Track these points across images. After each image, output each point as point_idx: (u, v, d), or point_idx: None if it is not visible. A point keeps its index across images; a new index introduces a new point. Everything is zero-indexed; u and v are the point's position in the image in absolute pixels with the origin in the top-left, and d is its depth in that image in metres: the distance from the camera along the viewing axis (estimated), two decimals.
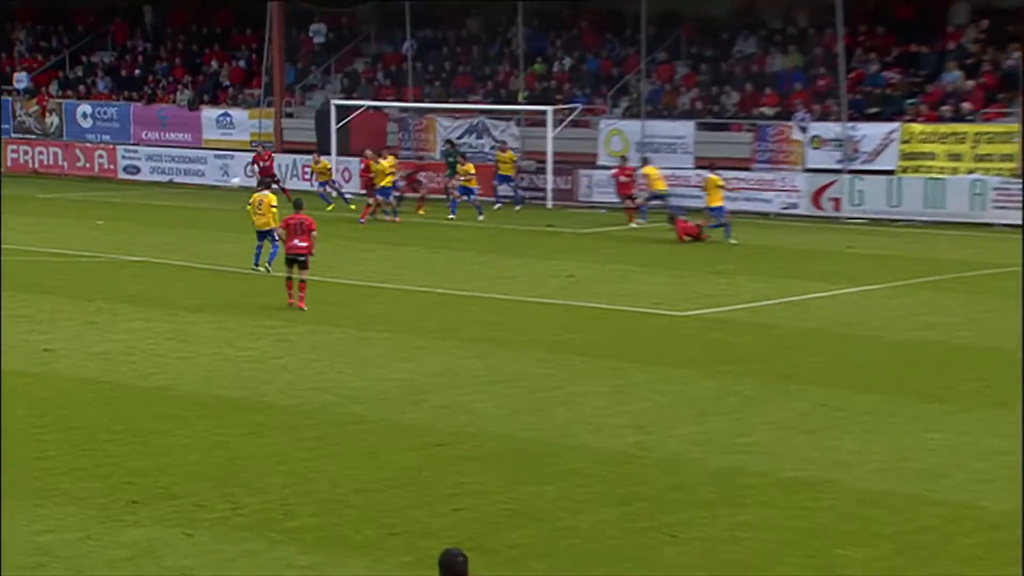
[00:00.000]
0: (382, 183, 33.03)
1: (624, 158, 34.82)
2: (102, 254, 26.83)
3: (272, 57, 42.47)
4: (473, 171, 34.42)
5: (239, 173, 40.46)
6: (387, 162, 34.20)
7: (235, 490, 12.10)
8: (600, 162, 37.57)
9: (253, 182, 35.25)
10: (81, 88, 46.32)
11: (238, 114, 42.80)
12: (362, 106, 40.20)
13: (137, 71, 46.49)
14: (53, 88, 46.62)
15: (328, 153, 38.62)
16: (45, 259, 26.16)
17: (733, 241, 28.72)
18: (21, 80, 46.56)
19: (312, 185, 36.99)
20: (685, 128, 36.79)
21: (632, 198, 33.34)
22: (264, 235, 24.18)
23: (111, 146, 43.82)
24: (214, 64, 45.57)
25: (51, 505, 11.62)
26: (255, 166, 37.39)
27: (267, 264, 24.11)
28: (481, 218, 33.24)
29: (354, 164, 39.35)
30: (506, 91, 40.62)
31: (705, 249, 28.76)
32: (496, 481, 12.50)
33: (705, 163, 33.04)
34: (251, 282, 23.84)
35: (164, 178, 42.29)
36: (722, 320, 20.64)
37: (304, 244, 20.50)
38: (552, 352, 18.19)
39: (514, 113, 39.28)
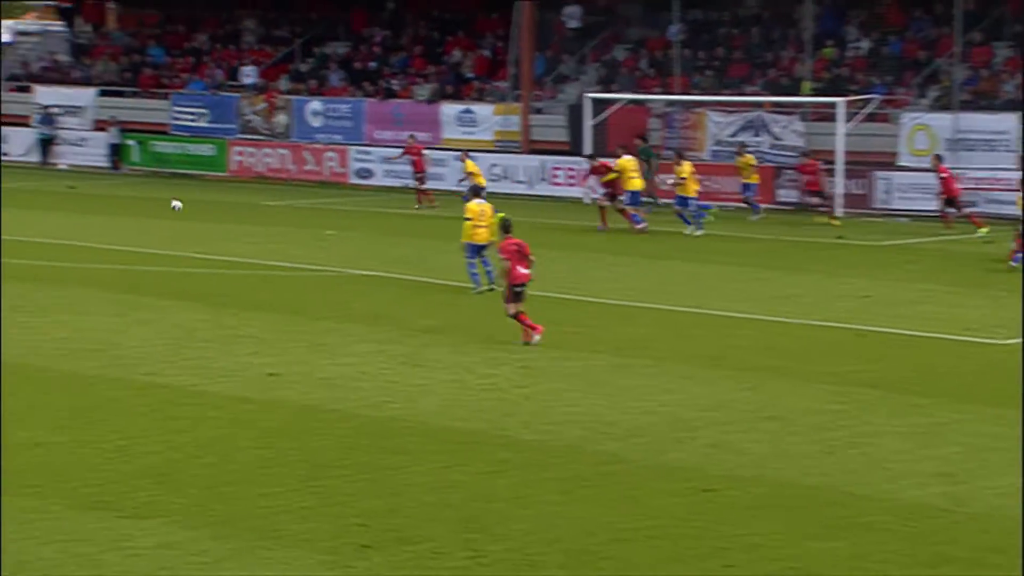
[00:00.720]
0: (630, 186, 33.03)
1: (938, 156, 33.76)
2: (331, 268, 27.79)
3: (520, 45, 43.15)
4: (686, 174, 33.62)
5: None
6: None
7: (476, 536, 12.31)
8: (901, 162, 36.71)
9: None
10: (312, 83, 48.04)
11: (481, 110, 43.63)
12: (621, 99, 40.40)
13: (373, 63, 47.93)
14: (282, 83, 48.49)
15: (579, 154, 39.00)
16: (271, 273, 27.27)
17: None
18: (249, 75, 48.63)
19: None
20: (1008, 122, 35.58)
21: (958, 205, 32.35)
22: (479, 250, 24.42)
23: (342, 147, 45.33)
24: (456, 54, 46.57)
25: (277, 548, 12.07)
26: (409, 159, 38.07)
27: (490, 283, 24.31)
28: (692, 230, 32.75)
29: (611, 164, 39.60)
30: (789, 80, 40.14)
31: None
32: (775, 534, 12.35)
33: None
34: (493, 301, 24.25)
35: (399, 183, 43.49)
36: None
37: (527, 271, 20.46)
38: (841, 385, 17.86)
39: (798, 106, 38.79)
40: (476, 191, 26.00)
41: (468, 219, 24.59)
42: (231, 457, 14.70)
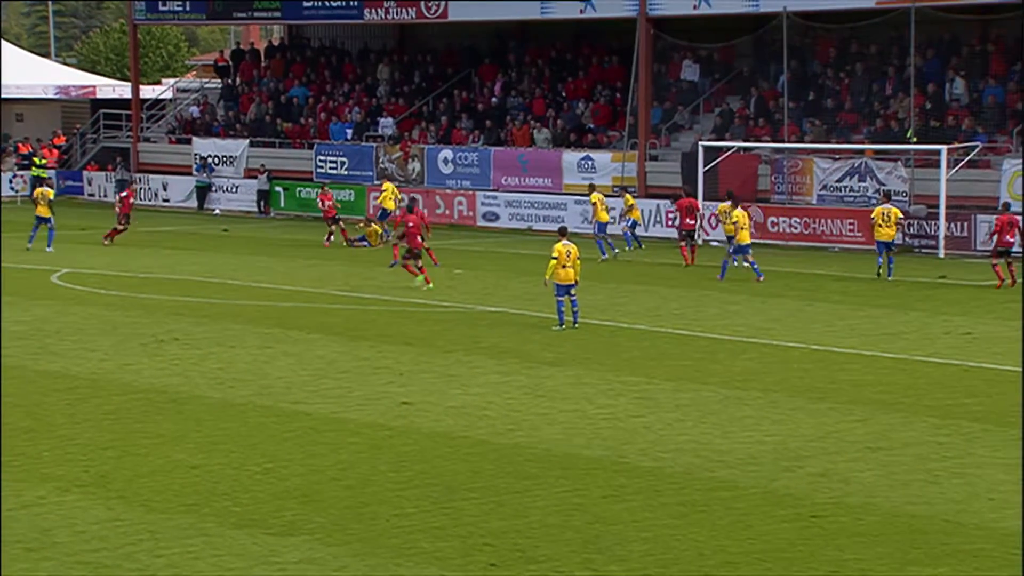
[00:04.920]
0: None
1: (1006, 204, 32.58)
2: (460, 304, 27.98)
3: (638, 96, 43.17)
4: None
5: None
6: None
7: (596, 556, 12.30)
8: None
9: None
10: (441, 131, 48.50)
11: (600, 157, 43.69)
12: (731, 147, 40.21)
13: (496, 112, 48.19)
14: (415, 133, 49.04)
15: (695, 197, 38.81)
16: (404, 309, 27.53)
17: None
18: (387, 126, 49.30)
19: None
20: None
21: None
22: (567, 289, 24.43)
23: (471, 192, 45.65)
24: (579, 106, 46.68)
25: (410, 564, 12.18)
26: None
27: None
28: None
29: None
30: (897, 127, 39.59)
31: None
32: (881, 560, 12.16)
33: None
34: (611, 336, 24.24)
35: (523, 225, 43.67)
36: None
37: None
38: (945, 418, 17.55)
39: (902, 153, 38.27)
40: (563, 232, 25.52)
41: (554, 258, 24.37)
42: (369, 480, 14.86)
